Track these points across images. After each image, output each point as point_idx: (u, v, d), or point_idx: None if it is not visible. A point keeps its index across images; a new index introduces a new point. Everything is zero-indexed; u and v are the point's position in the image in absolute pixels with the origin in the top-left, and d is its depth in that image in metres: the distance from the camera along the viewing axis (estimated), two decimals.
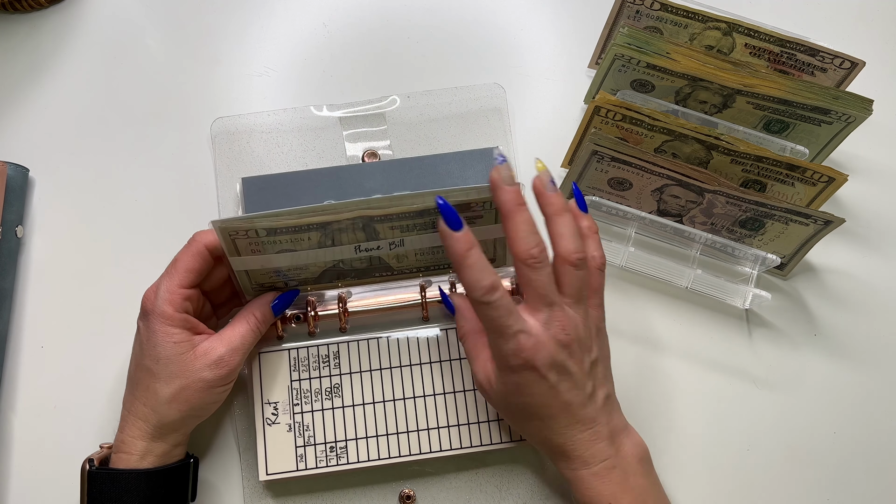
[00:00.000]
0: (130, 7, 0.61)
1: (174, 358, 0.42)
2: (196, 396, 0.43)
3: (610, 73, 0.53)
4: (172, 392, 0.42)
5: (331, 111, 0.57)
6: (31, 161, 0.56)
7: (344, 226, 0.42)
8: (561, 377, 0.40)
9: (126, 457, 0.43)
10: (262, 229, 0.41)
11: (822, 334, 0.54)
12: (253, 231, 0.41)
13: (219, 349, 0.43)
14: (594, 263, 0.43)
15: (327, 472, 0.47)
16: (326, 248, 0.43)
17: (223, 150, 0.56)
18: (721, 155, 0.50)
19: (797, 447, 0.51)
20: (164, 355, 0.42)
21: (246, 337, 0.44)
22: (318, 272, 0.46)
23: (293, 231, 0.42)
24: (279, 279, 0.46)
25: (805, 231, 0.50)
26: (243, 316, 0.45)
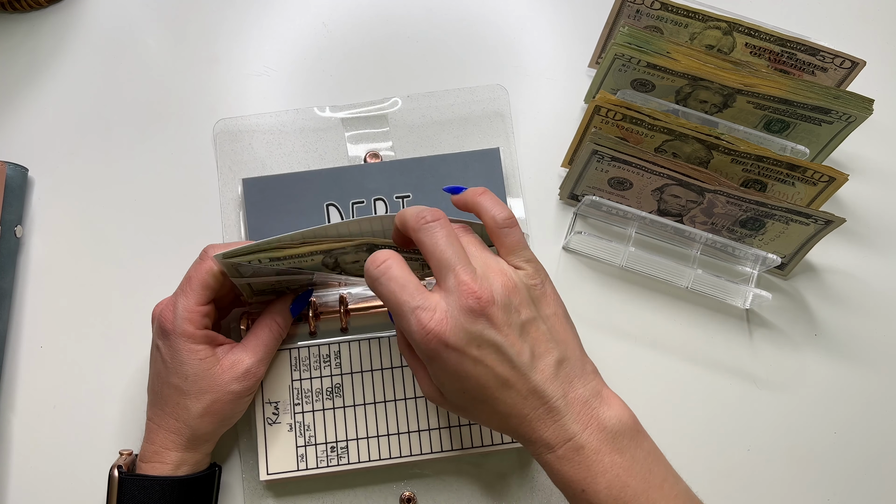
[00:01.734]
0: (130, 6, 0.61)
1: (202, 374, 0.43)
2: (227, 408, 0.44)
3: (610, 72, 0.53)
4: (204, 407, 0.43)
5: (333, 112, 0.57)
6: (31, 161, 0.56)
7: (349, 250, 0.42)
8: (483, 350, 0.35)
9: (160, 466, 0.43)
10: (266, 258, 0.41)
11: (822, 334, 0.54)
12: (256, 261, 0.41)
13: (245, 361, 0.44)
14: (506, 222, 0.39)
15: (328, 473, 0.47)
16: (328, 267, 0.44)
17: (225, 150, 0.56)
18: (721, 154, 0.50)
19: (797, 447, 0.51)
20: (191, 373, 0.43)
21: (270, 345, 0.45)
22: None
23: (297, 258, 0.42)
24: (280, 286, 0.46)
25: (805, 231, 0.50)
26: (265, 324, 0.46)
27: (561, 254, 0.55)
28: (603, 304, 0.54)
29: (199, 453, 0.44)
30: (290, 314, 0.47)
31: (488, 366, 0.35)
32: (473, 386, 0.36)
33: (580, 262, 0.55)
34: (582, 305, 0.54)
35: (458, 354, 0.35)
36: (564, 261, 0.55)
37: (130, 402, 0.50)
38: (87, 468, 0.49)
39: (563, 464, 0.35)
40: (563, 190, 0.56)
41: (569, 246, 0.55)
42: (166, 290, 0.53)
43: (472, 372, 0.35)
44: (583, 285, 0.54)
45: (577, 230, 0.55)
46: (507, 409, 0.36)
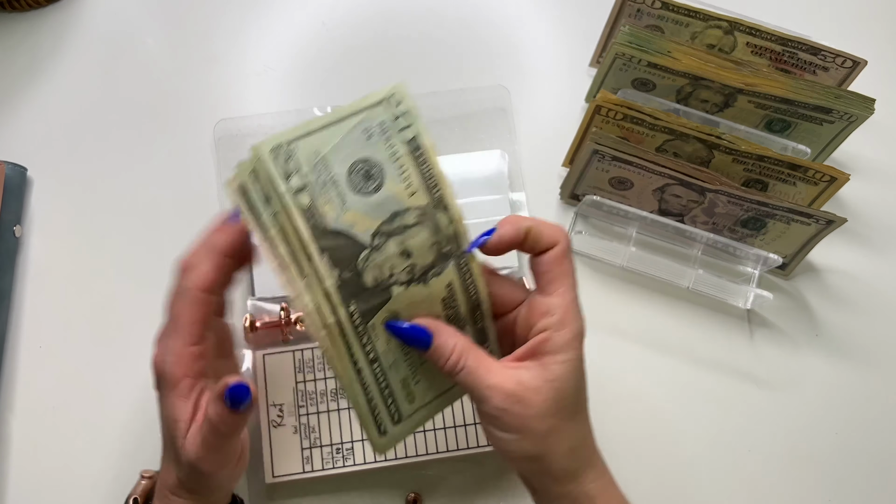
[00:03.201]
0: (129, 6, 0.61)
1: (174, 441, 0.36)
2: (205, 484, 0.37)
3: (611, 72, 0.53)
4: (186, 470, 0.37)
5: None
6: (30, 160, 0.55)
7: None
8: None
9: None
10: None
11: (823, 334, 0.54)
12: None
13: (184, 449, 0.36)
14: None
15: (333, 474, 0.47)
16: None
17: (225, 151, 0.56)
18: (723, 154, 0.50)
19: (798, 447, 0.51)
20: (167, 432, 0.37)
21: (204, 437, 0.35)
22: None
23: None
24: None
25: (807, 231, 0.50)
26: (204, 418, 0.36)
27: None
28: (603, 304, 0.54)
29: (203, 498, 0.38)
30: (224, 406, 0.34)
31: (584, 376, 0.37)
32: (583, 386, 0.36)
33: (581, 262, 0.55)
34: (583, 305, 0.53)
35: (580, 354, 0.36)
36: None
37: (130, 402, 0.50)
38: (86, 469, 0.49)
39: (612, 487, 0.38)
40: (563, 190, 0.56)
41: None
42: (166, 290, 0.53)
43: (582, 375, 0.36)
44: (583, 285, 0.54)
45: (577, 230, 0.54)
46: (588, 428, 0.37)
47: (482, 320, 0.38)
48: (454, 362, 0.35)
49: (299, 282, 0.33)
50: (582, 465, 0.37)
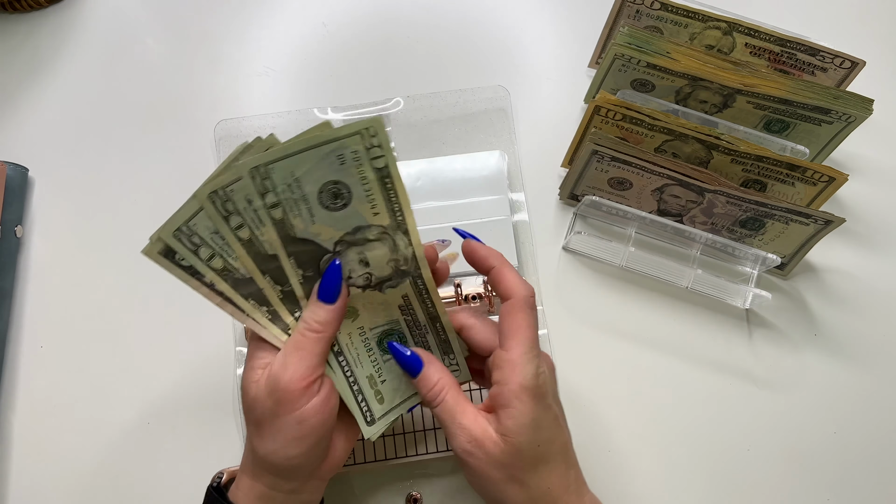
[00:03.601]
0: (130, 7, 0.61)
1: (245, 387, 0.38)
2: (272, 429, 0.37)
3: (610, 72, 0.53)
4: (254, 427, 0.38)
5: (335, 113, 0.57)
6: (31, 161, 0.56)
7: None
8: (557, 405, 0.39)
9: (235, 489, 0.39)
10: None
11: (822, 334, 0.54)
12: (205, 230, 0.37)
13: (271, 370, 0.37)
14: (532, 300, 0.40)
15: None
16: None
17: (226, 151, 0.56)
18: (721, 154, 0.50)
19: (797, 447, 0.51)
20: (241, 385, 0.39)
21: (296, 346, 0.37)
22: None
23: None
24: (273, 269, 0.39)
25: (805, 231, 0.50)
26: (297, 325, 0.39)
27: (561, 254, 0.55)
28: (603, 304, 0.54)
29: (261, 484, 0.38)
30: (320, 303, 0.38)
31: (561, 425, 0.38)
32: (550, 438, 0.38)
33: (580, 262, 0.55)
34: (582, 305, 0.54)
35: (545, 405, 0.37)
36: (564, 261, 0.55)
37: (131, 401, 0.50)
38: (86, 468, 0.49)
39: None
40: (563, 190, 0.56)
41: (569, 246, 0.55)
42: (166, 290, 0.53)
43: (551, 425, 0.37)
44: (583, 285, 0.54)
45: (577, 230, 0.55)
46: (562, 472, 0.38)
47: (444, 332, 0.40)
48: (435, 394, 0.38)
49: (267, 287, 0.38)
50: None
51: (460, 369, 0.42)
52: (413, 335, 0.41)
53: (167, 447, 0.49)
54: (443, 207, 0.53)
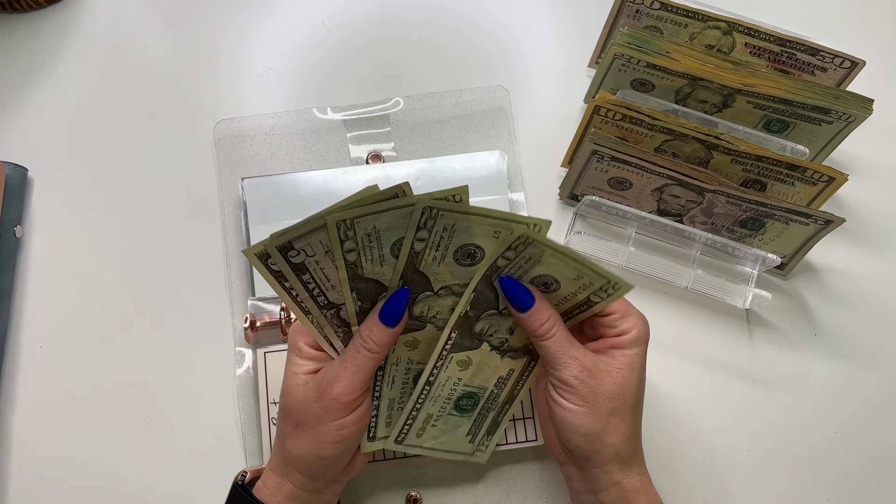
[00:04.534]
0: (130, 7, 0.61)
1: (290, 390, 0.40)
2: (311, 431, 0.39)
3: (610, 72, 0.53)
4: (291, 427, 0.40)
5: (335, 113, 0.57)
6: (30, 161, 0.56)
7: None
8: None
9: (262, 487, 0.41)
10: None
11: (822, 334, 0.54)
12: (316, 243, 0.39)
13: (322, 378, 0.39)
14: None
15: None
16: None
17: (226, 151, 0.56)
18: (721, 154, 0.50)
19: (797, 447, 0.51)
20: (285, 387, 0.40)
21: (350, 360, 0.39)
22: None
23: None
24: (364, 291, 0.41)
25: (805, 231, 0.50)
26: (353, 341, 0.40)
27: None
28: None
29: (290, 483, 0.40)
30: (380, 324, 0.39)
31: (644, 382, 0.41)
32: (640, 390, 0.40)
33: None
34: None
35: (644, 358, 0.41)
36: None
37: (130, 401, 0.50)
38: (86, 468, 0.49)
39: (644, 491, 0.41)
40: (562, 190, 0.56)
41: (569, 246, 0.55)
42: (166, 290, 0.53)
43: (643, 376, 0.41)
44: None
45: (576, 230, 0.55)
46: (629, 430, 0.40)
47: (503, 416, 0.45)
48: (548, 328, 0.40)
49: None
50: (633, 456, 0.40)
51: (486, 452, 0.45)
52: (484, 406, 0.44)
53: (167, 447, 0.49)
54: None
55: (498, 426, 0.44)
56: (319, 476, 0.40)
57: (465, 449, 0.45)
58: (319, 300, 0.40)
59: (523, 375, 0.44)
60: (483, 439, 0.45)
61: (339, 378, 0.39)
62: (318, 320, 0.40)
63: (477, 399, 0.43)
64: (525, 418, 0.49)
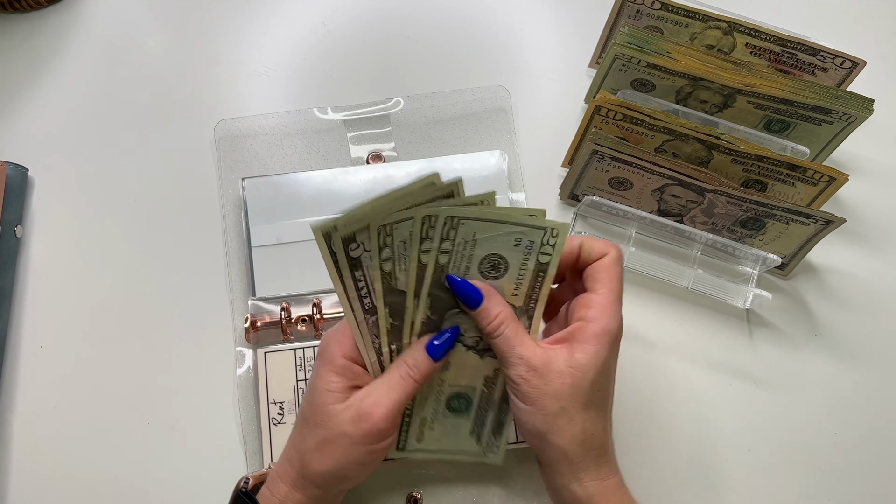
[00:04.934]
0: (130, 6, 0.61)
1: (322, 407, 0.39)
2: (340, 452, 0.39)
3: (611, 72, 0.53)
4: (316, 442, 0.39)
5: (335, 113, 0.57)
6: (31, 161, 0.56)
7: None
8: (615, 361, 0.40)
9: (269, 495, 0.40)
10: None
11: (822, 334, 0.54)
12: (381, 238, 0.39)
13: (362, 402, 0.39)
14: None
15: None
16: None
17: (226, 151, 0.56)
18: (722, 154, 0.50)
19: (797, 447, 0.51)
20: (315, 402, 0.39)
21: (394, 388, 0.39)
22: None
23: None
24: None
25: (806, 231, 0.50)
26: (395, 364, 0.40)
27: None
28: None
29: (305, 496, 0.40)
30: (424, 353, 0.40)
31: (612, 376, 0.40)
32: (608, 382, 0.40)
33: None
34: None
35: (614, 353, 0.39)
36: None
37: (130, 401, 0.50)
38: (86, 468, 0.49)
39: (616, 492, 0.39)
40: (563, 190, 0.56)
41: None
42: (166, 290, 0.53)
43: (610, 371, 0.39)
44: None
45: (577, 230, 0.55)
46: (605, 423, 0.40)
47: (505, 415, 0.44)
48: (495, 326, 0.39)
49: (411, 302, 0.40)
50: (587, 461, 0.38)
51: (498, 452, 0.44)
52: (479, 406, 0.43)
53: (167, 447, 0.49)
54: None
55: (503, 426, 0.44)
56: (336, 490, 0.41)
57: (473, 449, 0.44)
58: (365, 302, 0.39)
59: None
60: (491, 439, 0.44)
61: (382, 404, 0.38)
62: (361, 326, 0.40)
63: (469, 399, 0.43)
64: None
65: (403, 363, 0.40)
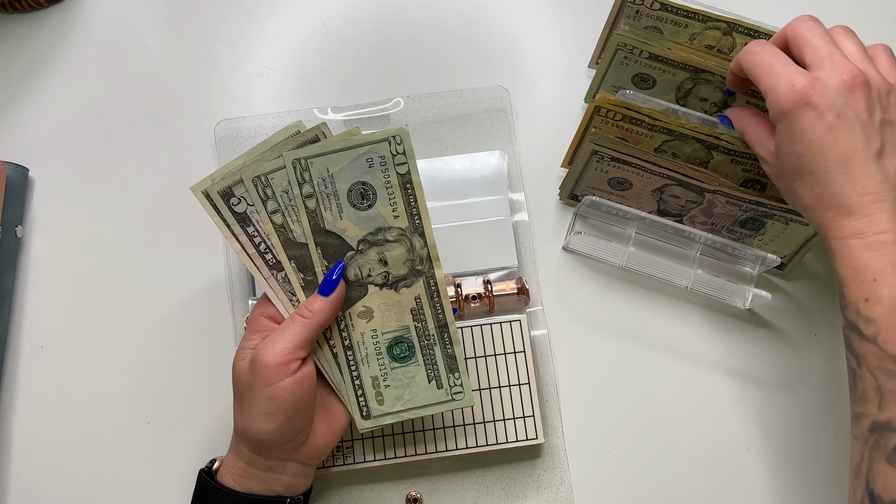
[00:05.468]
0: (130, 7, 0.61)
1: (235, 364, 0.41)
2: (248, 404, 0.39)
3: (612, 66, 0.53)
4: (237, 402, 0.41)
5: (335, 113, 0.57)
6: (31, 161, 0.56)
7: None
8: (840, 121, 0.38)
9: (220, 467, 0.42)
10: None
11: (822, 334, 0.54)
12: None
13: (257, 350, 0.40)
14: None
15: (333, 473, 0.47)
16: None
17: (226, 151, 0.56)
18: (721, 154, 0.50)
19: (797, 447, 0.51)
20: (234, 367, 0.41)
21: (287, 330, 0.40)
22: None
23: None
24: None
25: (805, 231, 0.50)
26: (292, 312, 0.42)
27: (561, 254, 0.55)
28: (603, 304, 0.54)
29: (241, 460, 0.41)
30: (318, 295, 0.41)
31: (837, 137, 0.38)
32: (813, 151, 0.38)
33: (580, 263, 0.55)
34: (582, 305, 0.54)
35: (815, 116, 0.38)
36: (564, 261, 0.55)
37: (130, 401, 0.50)
38: (86, 468, 0.49)
39: (867, 251, 0.37)
40: (562, 190, 0.56)
41: (569, 246, 0.55)
42: (166, 290, 0.53)
43: (819, 136, 0.38)
44: (583, 285, 0.54)
45: (576, 230, 0.55)
46: (832, 187, 0.38)
47: (451, 345, 0.43)
48: (739, 128, 0.45)
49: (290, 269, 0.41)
50: (828, 221, 0.39)
51: (464, 391, 0.44)
52: (421, 345, 0.43)
53: (167, 447, 0.49)
54: (443, 207, 0.54)
55: (455, 360, 0.43)
56: (265, 451, 0.40)
57: (439, 398, 0.44)
58: (268, 258, 0.40)
59: (433, 296, 0.43)
60: (451, 380, 0.44)
61: (269, 343, 0.39)
62: (270, 282, 0.41)
63: (409, 341, 0.43)
64: (525, 417, 0.49)
65: (297, 308, 0.41)
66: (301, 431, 0.41)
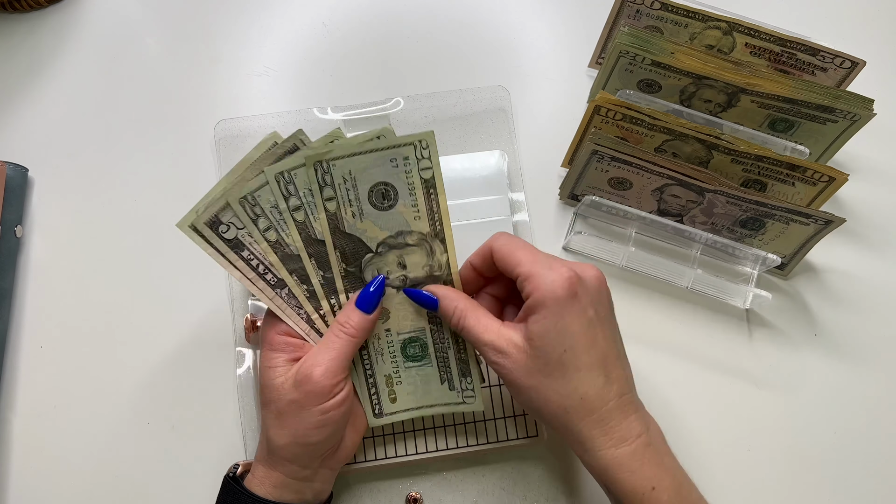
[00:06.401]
0: (130, 6, 0.61)
1: (269, 384, 0.41)
2: (293, 419, 0.40)
3: (615, 72, 0.53)
4: (273, 418, 0.40)
5: (335, 113, 0.57)
6: (31, 161, 0.56)
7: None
8: (598, 317, 0.38)
9: (251, 478, 0.42)
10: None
11: (822, 334, 0.54)
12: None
13: (301, 366, 0.40)
14: None
15: None
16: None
17: (226, 151, 0.56)
18: (721, 154, 0.50)
19: (797, 447, 0.51)
20: (264, 382, 0.41)
21: (329, 346, 0.40)
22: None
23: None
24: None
25: (805, 231, 0.50)
26: (331, 326, 0.42)
27: (561, 254, 0.55)
28: None
29: (278, 473, 0.41)
30: (357, 310, 0.41)
31: (597, 334, 0.38)
32: (580, 344, 0.37)
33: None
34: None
35: (580, 307, 0.37)
36: None
37: (130, 401, 0.50)
38: (86, 468, 0.49)
39: (636, 460, 0.37)
40: (563, 190, 0.56)
41: (569, 246, 0.55)
42: (166, 290, 0.53)
43: (584, 330, 0.37)
44: None
45: (577, 230, 0.55)
46: (596, 387, 0.37)
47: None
48: (455, 323, 0.40)
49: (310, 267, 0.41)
50: (590, 430, 0.37)
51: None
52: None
53: (167, 447, 0.49)
54: None
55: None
56: (307, 463, 0.41)
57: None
58: (268, 278, 0.40)
59: None
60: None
61: (319, 363, 0.40)
62: (276, 301, 0.41)
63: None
64: (525, 415, 0.49)
65: (336, 323, 0.41)
66: (339, 439, 0.42)
